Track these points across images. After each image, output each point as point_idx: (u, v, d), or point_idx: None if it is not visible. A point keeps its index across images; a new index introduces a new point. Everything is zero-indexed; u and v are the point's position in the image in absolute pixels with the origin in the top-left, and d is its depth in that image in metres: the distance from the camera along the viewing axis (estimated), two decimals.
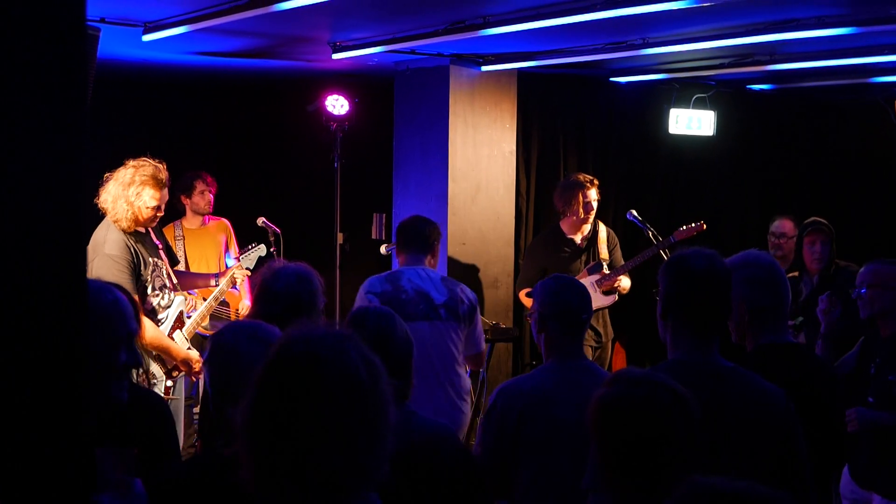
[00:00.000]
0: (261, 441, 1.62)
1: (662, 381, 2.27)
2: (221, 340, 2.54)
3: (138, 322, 2.37)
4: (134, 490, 2.05)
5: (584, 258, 6.74)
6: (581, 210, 6.61)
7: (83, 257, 1.21)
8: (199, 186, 6.93)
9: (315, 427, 1.59)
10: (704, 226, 6.71)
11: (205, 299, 5.85)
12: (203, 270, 6.59)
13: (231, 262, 6.74)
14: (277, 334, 2.47)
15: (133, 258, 4.86)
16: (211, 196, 6.99)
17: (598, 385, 3.32)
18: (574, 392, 3.36)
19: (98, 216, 4.96)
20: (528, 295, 6.00)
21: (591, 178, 6.69)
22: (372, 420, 1.63)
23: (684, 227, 6.71)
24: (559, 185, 6.85)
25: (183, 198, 6.92)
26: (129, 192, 4.85)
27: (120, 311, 2.32)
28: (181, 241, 6.85)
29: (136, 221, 4.90)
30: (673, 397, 2.23)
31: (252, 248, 6.21)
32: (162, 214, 5.08)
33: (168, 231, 6.85)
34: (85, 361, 1.14)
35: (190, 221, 6.97)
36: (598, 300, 6.63)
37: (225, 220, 7.09)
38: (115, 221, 4.88)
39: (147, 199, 4.89)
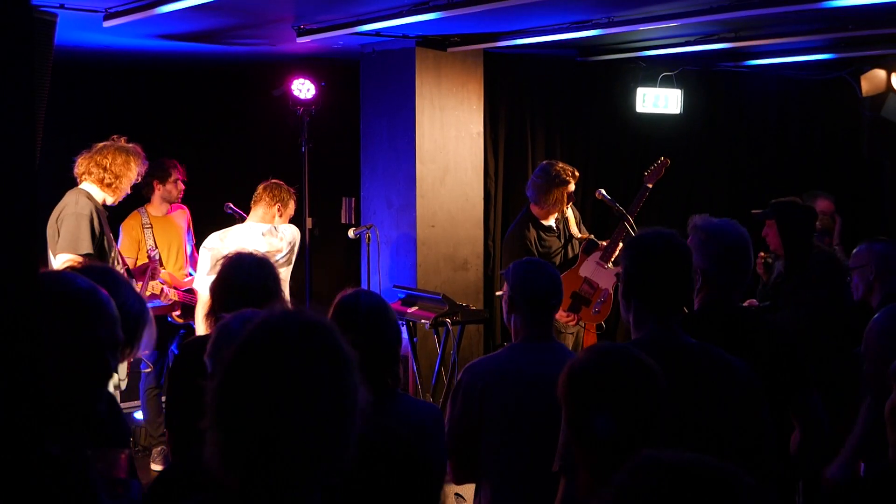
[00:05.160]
0: (223, 421, 1.64)
1: (632, 351, 2.31)
2: (225, 329, 2.53)
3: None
4: (131, 492, 2.01)
5: (570, 247, 6.51)
6: (563, 205, 6.39)
7: (35, 249, 1.18)
8: (175, 175, 6.80)
9: (271, 411, 1.61)
10: (668, 161, 6.67)
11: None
12: (170, 256, 6.60)
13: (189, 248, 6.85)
14: None
15: (98, 225, 5.37)
16: (183, 186, 6.89)
17: (562, 365, 3.33)
18: (537, 371, 3.38)
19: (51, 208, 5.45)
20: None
21: (571, 170, 6.36)
22: (331, 409, 1.64)
23: (649, 170, 6.65)
24: (538, 174, 6.42)
25: (156, 183, 6.74)
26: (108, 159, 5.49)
27: (102, 307, 2.06)
28: (149, 230, 6.74)
29: (116, 182, 5.52)
30: (641, 366, 2.26)
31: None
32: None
33: (134, 218, 6.75)
34: (37, 351, 1.12)
35: (156, 209, 6.83)
36: (612, 275, 6.21)
37: (184, 207, 7.01)
38: (98, 181, 5.46)
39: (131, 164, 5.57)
